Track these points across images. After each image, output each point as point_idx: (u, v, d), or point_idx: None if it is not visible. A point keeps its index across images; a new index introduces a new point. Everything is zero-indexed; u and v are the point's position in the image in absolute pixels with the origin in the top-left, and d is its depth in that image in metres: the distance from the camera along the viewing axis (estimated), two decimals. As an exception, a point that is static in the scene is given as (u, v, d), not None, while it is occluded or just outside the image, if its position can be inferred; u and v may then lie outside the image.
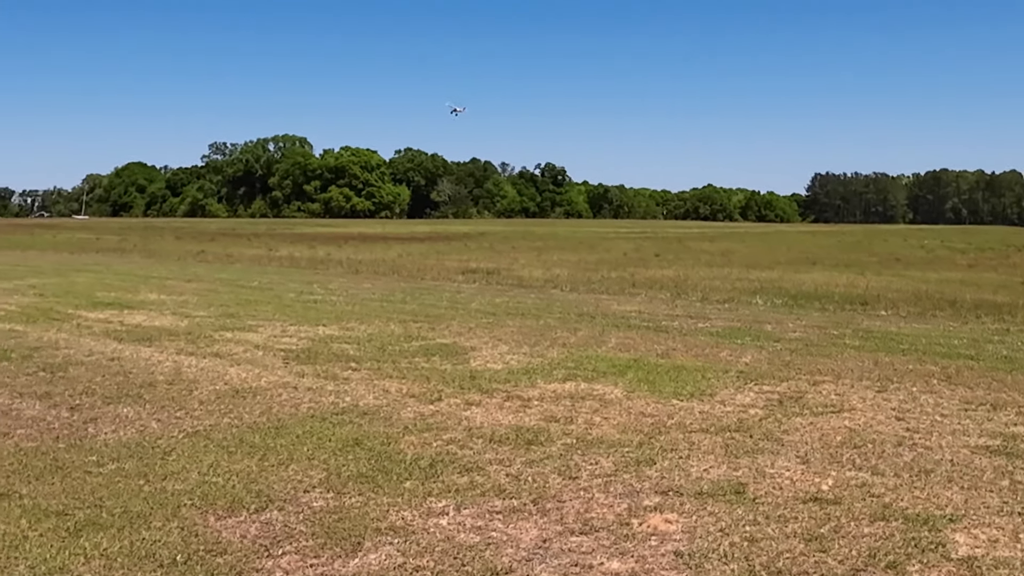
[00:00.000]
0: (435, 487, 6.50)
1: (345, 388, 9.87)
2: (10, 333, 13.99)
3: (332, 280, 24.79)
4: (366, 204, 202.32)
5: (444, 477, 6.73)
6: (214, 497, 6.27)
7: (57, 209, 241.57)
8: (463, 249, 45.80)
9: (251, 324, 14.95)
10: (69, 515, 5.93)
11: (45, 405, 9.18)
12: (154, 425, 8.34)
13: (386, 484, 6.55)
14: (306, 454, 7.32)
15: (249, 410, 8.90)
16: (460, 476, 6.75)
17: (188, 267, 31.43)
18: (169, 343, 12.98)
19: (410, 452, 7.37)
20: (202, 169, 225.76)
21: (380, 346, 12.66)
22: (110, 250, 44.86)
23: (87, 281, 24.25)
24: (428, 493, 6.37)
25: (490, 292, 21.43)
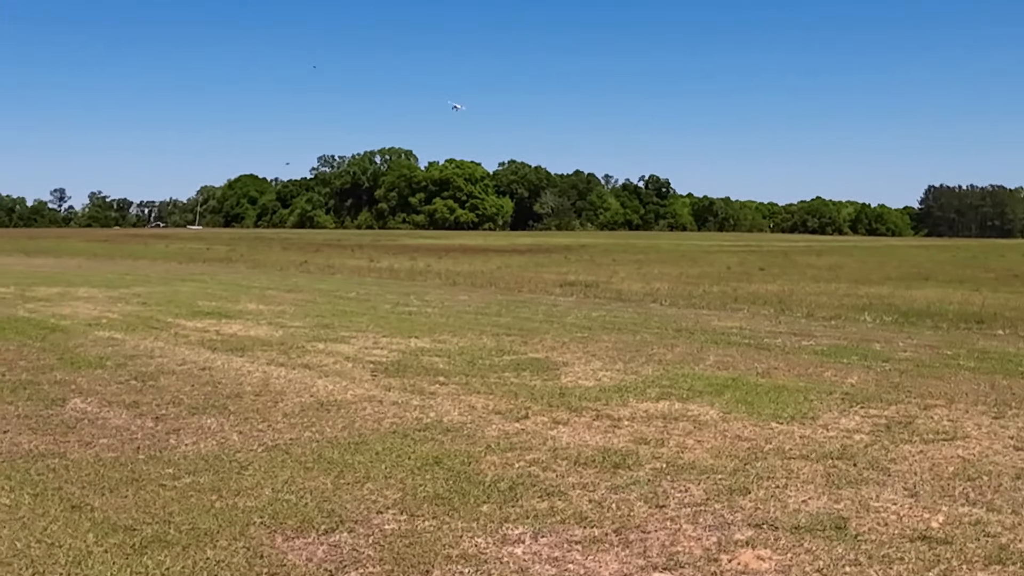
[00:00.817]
0: (513, 512, 6.18)
1: (431, 403, 9.64)
2: (109, 341, 14.18)
3: (429, 292, 24.74)
4: (470, 216, 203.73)
5: (523, 501, 6.41)
6: (284, 516, 6.07)
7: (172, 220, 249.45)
8: (563, 262, 45.47)
9: (344, 335, 14.89)
10: (137, 531, 5.80)
11: (131, 414, 9.16)
12: (235, 438, 8.22)
13: (462, 507, 6.26)
14: (383, 472, 7.09)
15: (331, 424, 8.73)
16: (540, 501, 6.43)
17: (290, 277, 31.82)
18: (261, 353, 12.97)
19: (490, 473, 7.07)
20: (311, 181, 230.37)
21: (470, 360, 12.43)
22: (218, 260, 45.83)
23: (191, 290, 24.68)
24: (505, 518, 6.06)
25: (587, 305, 21.07)
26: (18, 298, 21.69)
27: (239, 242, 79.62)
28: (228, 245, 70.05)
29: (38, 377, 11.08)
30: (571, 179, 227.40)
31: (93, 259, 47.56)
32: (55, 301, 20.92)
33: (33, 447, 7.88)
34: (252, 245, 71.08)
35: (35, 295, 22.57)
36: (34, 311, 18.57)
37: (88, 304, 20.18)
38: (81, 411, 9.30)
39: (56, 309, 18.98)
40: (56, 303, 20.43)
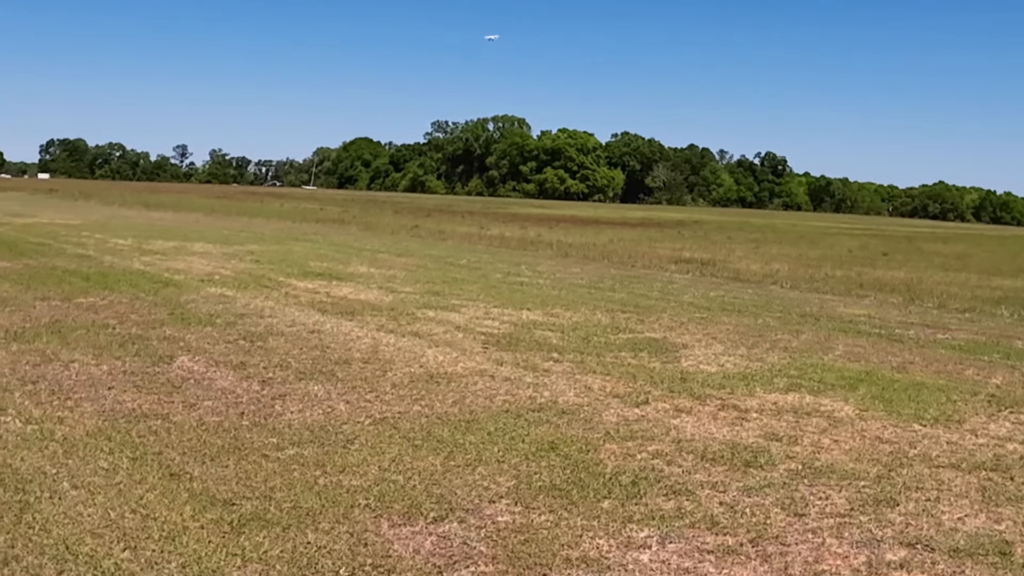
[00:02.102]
0: (636, 511, 5.65)
1: (544, 381, 9.16)
2: (220, 298, 14.07)
3: (541, 262, 24.26)
4: (580, 187, 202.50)
5: (648, 499, 5.87)
6: (391, 499, 5.66)
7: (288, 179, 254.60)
8: (676, 237, 44.44)
9: (455, 304, 14.51)
10: (236, 506, 5.46)
11: (238, 376, 8.91)
12: (342, 407, 7.88)
13: (581, 501, 5.76)
14: (496, 456, 6.63)
15: (441, 398, 8.32)
16: (666, 499, 5.88)
17: (401, 241, 31.71)
18: (371, 318, 12.66)
19: (610, 464, 6.55)
20: (424, 146, 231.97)
21: (585, 336, 11.90)
22: (331, 221, 46.13)
23: (303, 250, 24.68)
24: (628, 518, 5.53)
25: (704, 284, 20.31)
26: (135, 251, 21.95)
27: (352, 204, 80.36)
28: (341, 207, 70.70)
29: (148, 332, 10.96)
30: (684, 153, 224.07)
31: (210, 215, 48.39)
32: (170, 255, 21.09)
33: (136, 407, 7.66)
34: (364, 207, 71.61)
35: (151, 248, 22.82)
36: (149, 264, 18.69)
37: (202, 260, 20.27)
38: (188, 370, 9.10)
39: (171, 263, 19.08)
40: (171, 257, 20.58)
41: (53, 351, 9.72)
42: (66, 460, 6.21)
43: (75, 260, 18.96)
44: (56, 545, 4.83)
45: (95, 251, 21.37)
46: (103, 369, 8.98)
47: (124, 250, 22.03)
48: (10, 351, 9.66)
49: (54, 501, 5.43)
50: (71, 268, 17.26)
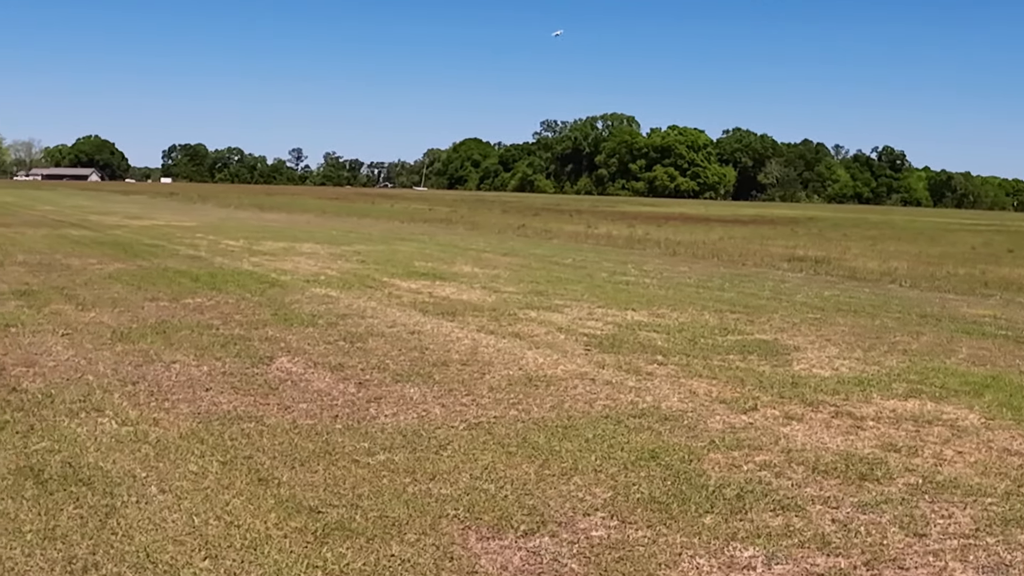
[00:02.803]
0: (741, 527, 5.29)
1: (647, 385, 8.81)
2: (324, 298, 14.09)
3: (648, 261, 23.80)
4: (690, 184, 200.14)
5: (753, 515, 5.49)
6: (481, 510, 5.42)
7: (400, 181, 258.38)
8: (789, 235, 43.26)
9: (558, 304, 14.24)
10: (322, 513, 5.29)
11: (335, 378, 8.81)
12: (437, 411, 7.68)
13: (681, 516, 5.42)
14: (593, 465, 6.33)
15: (539, 402, 8.06)
16: (774, 515, 5.50)
17: (507, 241, 31.58)
18: (472, 319, 12.49)
19: (714, 475, 6.18)
20: (533, 146, 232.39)
21: (691, 338, 11.49)
22: (439, 221, 46.36)
23: (409, 250, 24.73)
24: (732, 535, 5.17)
25: (818, 283, 19.58)
26: (245, 251, 22.29)
27: (460, 204, 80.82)
28: (449, 206, 71.14)
29: (250, 333, 10.98)
30: (798, 148, 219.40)
31: (321, 216, 49.15)
32: (279, 256, 21.35)
33: (232, 408, 7.60)
34: (472, 207, 71.89)
35: (261, 249, 23.16)
36: (257, 265, 18.93)
37: (310, 260, 20.45)
38: (286, 371, 9.04)
39: (279, 264, 19.29)
40: (280, 258, 20.82)
41: (156, 351, 9.79)
42: (157, 463, 6.14)
43: (186, 261, 19.33)
44: (137, 552, 4.73)
45: (206, 252, 21.77)
46: (203, 370, 8.99)
47: (235, 251, 22.40)
48: (115, 351, 9.76)
49: (140, 506, 5.35)
50: (182, 269, 17.57)
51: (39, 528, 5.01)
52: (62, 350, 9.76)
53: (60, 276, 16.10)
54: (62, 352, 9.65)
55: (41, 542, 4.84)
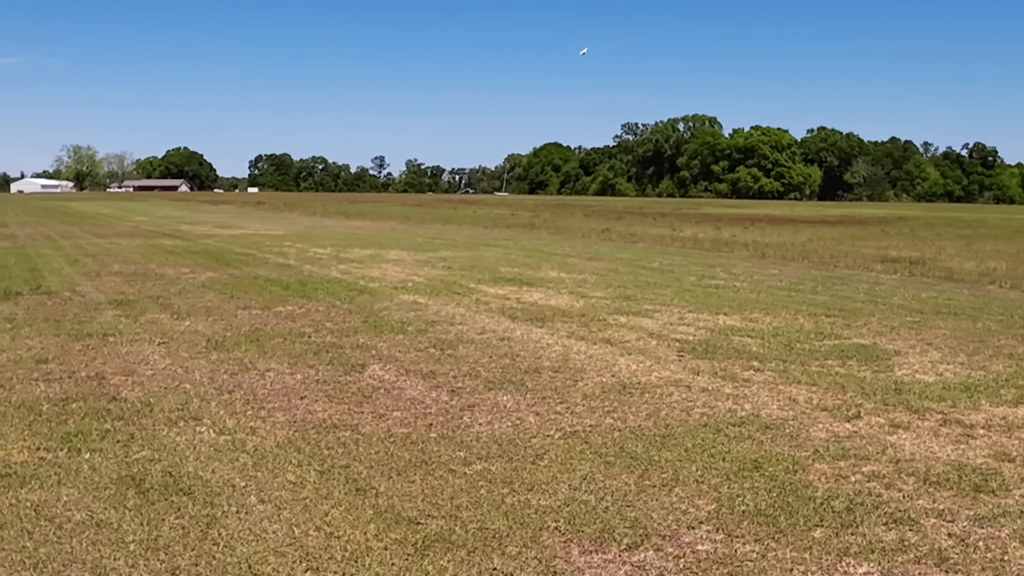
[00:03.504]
0: (853, 542, 5.08)
1: (745, 392, 8.59)
2: (412, 305, 14.11)
3: (736, 264, 23.41)
4: (775, 185, 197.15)
5: (865, 528, 5.28)
6: (582, 522, 5.30)
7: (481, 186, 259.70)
8: (880, 235, 42.24)
9: (647, 308, 14.04)
10: (421, 525, 5.22)
11: (428, 385, 8.77)
12: (531, 420, 7.58)
13: (790, 530, 5.23)
14: (694, 475, 6.17)
15: (635, 410, 7.90)
16: (886, 529, 5.27)
17: (591, 245, 31.39)
18: (561, 325, 12.37)
19: (821, 487, 5.97)
20: (613, 149, 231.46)
21: (787, 343, 11.21)
22: (521, 226, 46.34)
23: (493, 256, 24.72)
24: (844, 550, 4.97)
25: (914, 285, 19.02)
26: (333, 259, 22.51)
27: (542, 208, 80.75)
28: (531, 211, 71.11)
29: (342, 340, 11.03)
30: (886, 147, 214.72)
31: (405, 223, 49.52)
32: (366, 263, 21.50)
33: (327, 416, 7.60)
34: (555, 212, 71.78)
35: (349, 256, 23.37)
36: (346, 272, 19.08)
37: (396, 267, 20.55)
38: (379, 379, 9.03)
39: (366, 271, 19.42)
40: (367, 265, 20.97)
41: (251, 360, 9.88)
42: (255, 472, 6.16)
43: (276, 269, 19.58)
44: (239, 564, 4.72)
45: (295, 260, 22.04)
46: (297, 378, 9.03)
47: (323, 259, 22.64)
48: (210, 360, 9.87)
49: (240, 516, 5.35)
50: (272, 277, 17.80)
51: (142, 538, 5.04)
52: (159, 359, 9.91)
53: (155, 285, 16.42)
54: (159, 361, 9.80)
55: (144, 553, 4.86)
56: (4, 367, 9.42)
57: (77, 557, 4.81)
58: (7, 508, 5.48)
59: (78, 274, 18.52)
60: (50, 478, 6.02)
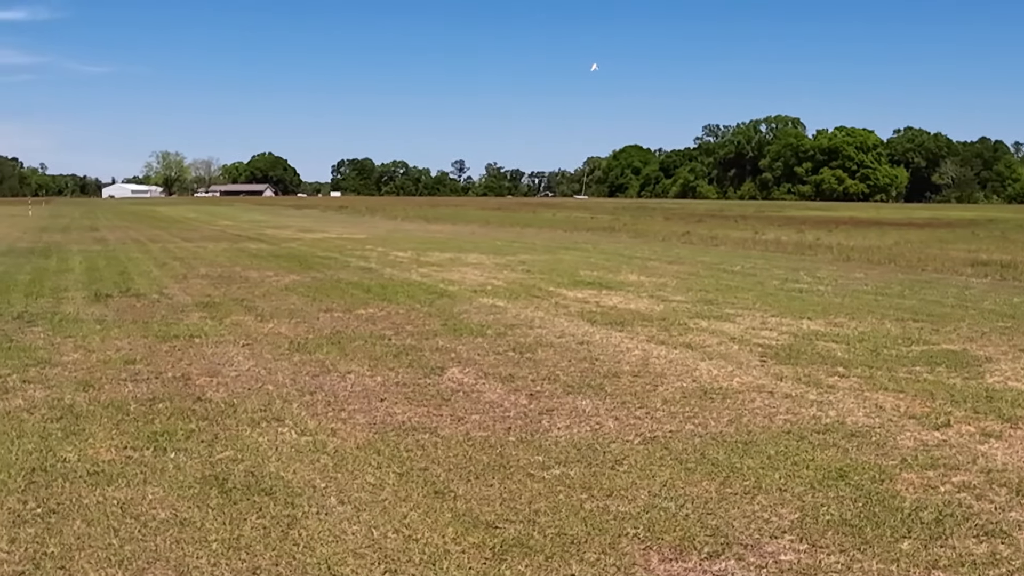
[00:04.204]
0: (943, 555, 4.92)
1: (829, 399, 8.41)
2: (492, 308, 14.14)
3: (820, 267, 22.99)
4: (859, 187, 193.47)
5: (955, 540, 5.11)
6: (661, 529, 5.23)
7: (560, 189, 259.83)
8: (970, 238, 41.09)
9: (729, 313, 13.85)
10: (499, 529, 5.21)
11: (506, 389, 8.76)
12: (610, 424, 7.52)
13: (876, 541, 5.09)
14: (777, 483, 6.05)
15: (716, 416, 7.79)
16: (977, 542, 5.10)
17: (672, 248, 31.13)
18: (641, 329, 12.27)
19: (909, 497, 5.80)
20: (694, 151, 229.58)
21: (873, 348, 10.95)
22: (601, 229, 46.19)
23: (573, 259, 24.66)
24: (933, 563, 4.82)
25: (1006, 289, 18.45)
26: (413, 263, 22.69)
27: (622, 211, 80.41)
28: (611, 214, 70.85)
29: (421, 343, 11.08)
30: (975, 147, 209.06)
31: (485, 226, 49.71)
32: (446, 266, 21.62)
33: (406, 419, 7.64)
34: (634, 215, 71.42)
35: (429, 260, 23.53)
36: (426, 275, 19.20)
37: (476, 270, 20.62)
38: (458, 382, 9.05)
39: (446, 274, 19.52)
40: (447, 268, 21.08)
41: (332, 362, 9.98)
42: (335, 474, 6.21)
43: (358, 273, 19.80)
44: (318, 564, 4.75)
45: (377, 264, 22.27)
46: (377, 380, 9.10)
47: (403, 262, 22.83)
48: (292, 361, 10.00)
49: (320, 517, 5.40)
50: (354, 280, 18.00)
51: (224, 538, 5.11)
52: (243, 360, 10.07)
53: (239, 288, 16.73)
54: (243, 362, 9.96)
55: (226, 552, 4.93)
56: (94, 367, 9.66)
57: (161, 555, 4.89)
58: (94, 506, 5.60)
59: (166, 277, 18.96)
60: (136, 477, 6.14)
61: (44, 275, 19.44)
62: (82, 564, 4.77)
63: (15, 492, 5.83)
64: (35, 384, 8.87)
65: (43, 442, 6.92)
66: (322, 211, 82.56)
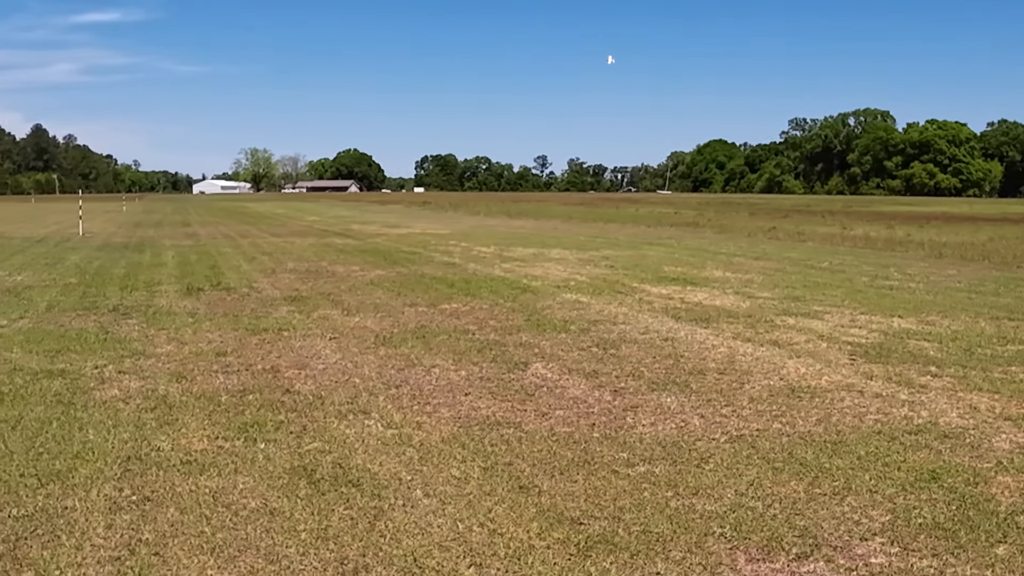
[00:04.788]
0: (1043, 561, 4.78)
1: (921, 399, 8.22)
2: (575, 304, 14.12)
3: (911, 264, 22.46)
4: (951, 181, 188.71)
5: (1056, 546, 4.96)
6: (748, 529, 5.17)
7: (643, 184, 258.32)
8: (1069, 234, 39.81)
9: (816, 310, 13.62)
10: (583, 525, 5.20)
11: (590, 385, 8.74)
12: (696, 422, 7.45)
13: (970, 545, 4.96)
14: (867, 484, 5.93)
15: (804, 415, 7.67)
16: (1080, 548, 4.94)
17: (757, 244, 30.72)
18: (727, 325, 12.13)
19: (1004, 501, 5.64)
20: (780, 145, 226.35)
21: (966, 348, 10.67)
22: (685, 225, 45.79)
23: (657, 255, 24.50)
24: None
25: (1108, 288, 17.80)
26: (496, 258, 22.77)
27: (706, 207, 79.62)
28: (695, 210, 70.20)
29: (504, 338, 11.12)
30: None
31: (567, 222, 49.66)
32: (529, 262, 21.66)
33: (491, 413, 7.67)
34: (719, 210, 70.64)
35: (512, 255, 23.59)
36: (509, 271, 19.26)
37: (559, 266, 20.62)
38: (541, 377, 9.06)
39: (529, 270, 19.55)
40: (529, 263, 21.12)
41: (417, 356, 10.07)
42: (421, 467, 6.26)
43: (442, 268, 19.94)
44: (405, 557, 4.80)
45: (460, 259, 22.40)
46: (461, 375, 9.15)
47: (486, 257, 22.93)
48: (378, 355, 10.12)
49: (406, 509, 5.45)
50: (438, 275, 18.13)
51: (312, 528, 5.19)
52: (330, 353, 10.22)
53: (326, 282, 16.98)
54: (330, 355, 10.11)
55: (315, 542, 5.01)
56: (187, 359, 9.90)
57: (251, 543, 4.99)
58: (187, 494, 5.74)
59: (255, 271, 19.34)
60: (227, 466, 6.28)
61: (138, 269, 19.98)
62: (175, 551, 4.89)
63: (111, 480, 6.00)
64: (130, 375, 9.11)
65: (138, 431, 7.11)
66: (406, 207, 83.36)
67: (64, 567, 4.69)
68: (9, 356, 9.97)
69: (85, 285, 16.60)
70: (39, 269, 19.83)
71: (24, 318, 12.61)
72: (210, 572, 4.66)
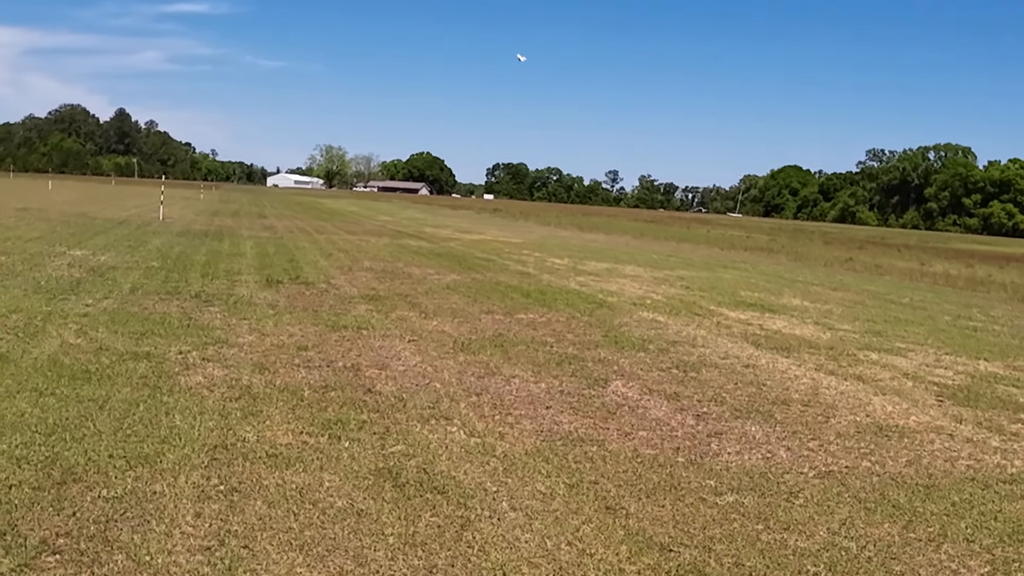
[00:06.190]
0: None
1: (1014, 447, 7.97)
2: (652, 323, 13.98)
3: (994, 306, 21.92)
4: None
5: None
6: (844, 570, 5.04)
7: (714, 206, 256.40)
8: None
9: (899, 347, 13.33)
10: (673, 552, 5.11)
11: (672, 407, 8.63)
12: (783, 454, 7.31)
13: (1081, 606, 4.78)
14: (964, 533, 5.75)
15: (893, 455, 7.48)
16: None
17: (835, 274, 30.24)
18: (808, 356, 11.92)
19: (1113, 562, 5.43)
20: (856, 175, 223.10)
21: (1059, 397, 10.34)
22: (758, 249, 45.27)
23: (732, 278, 24.21)
24: None
25: None
26: (570, 271, 22.67)
27: (779, 232, 78.69)
28: (768, 235, 69.41)
29: (583, 353, 11.04)
30: None
31: (639, 238, 49.40)
32: (603, 276, 21.53)
33: (573, 429, 7.60)
34: (792, 236, 69.76)
35: (585, 269, 23.48)
36: (583, 284, 19.15)
37: (634, 283, 20.46)
38: (622, 396, 8.96)
39: (604, 285, 19.43)
40: (604, 278, 20.99)
41: (495, 364, 10.03)
42: (505, 479, 6.21)
43: (516, 276, 19.90)
44: (493, 570, 4.75)
45: (534, 269, 22.35)
46: (541, 387, 9.09)
47: (560, 269, 22.85)
48: (457, 361, 10.10)
49: (493, 521, 5.40)
50: (513, 284, 18.09)
51: (400, 532, 5.16)
52: (409, 355, 10.22)
53: (403, 284, 17.03)
54: (410, 357, 10.11)
55: (403, 547, 4.98)
56: (268, 351, 9.97)
57: (340, 544, 4.98)
58: (274, 488, 5.74)
59: (332, 267, 19.47)
60: (313, 463, 6.28)
61: (218, 257, 20.24)
62: (264, 545, 4.89)
63: (199, 468, 6.03)
64: (213, 363, 9.19)
65: (223, 420, 7.15)
66: (476, 212, 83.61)
67: (155, 552, 4.71)
68: (96, 335, 10.11)
69: (167, 270, 16.84)
70: (122, 251, 20.17)
71: (109, 298, 12.80)
72: (299, 570, 4.65)
